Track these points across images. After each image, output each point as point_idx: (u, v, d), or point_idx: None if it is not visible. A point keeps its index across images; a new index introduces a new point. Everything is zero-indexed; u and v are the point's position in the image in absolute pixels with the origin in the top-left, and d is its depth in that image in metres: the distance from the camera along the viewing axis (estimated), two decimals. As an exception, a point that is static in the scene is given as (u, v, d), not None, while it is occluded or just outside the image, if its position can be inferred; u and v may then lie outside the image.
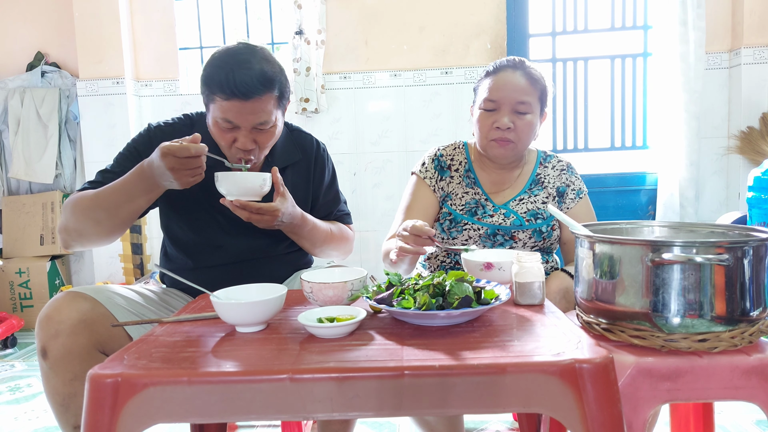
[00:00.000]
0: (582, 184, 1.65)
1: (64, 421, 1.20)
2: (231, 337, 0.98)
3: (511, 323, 1.00)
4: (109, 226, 1.32)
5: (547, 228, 1.57)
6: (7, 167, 3.50)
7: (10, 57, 3.49)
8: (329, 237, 1.52)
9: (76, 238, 1.34)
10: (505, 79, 1.51)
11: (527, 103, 1.50)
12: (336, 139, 3.32)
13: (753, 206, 2.36)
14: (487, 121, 1.53)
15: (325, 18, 3.21)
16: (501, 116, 1.50)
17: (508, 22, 3.21)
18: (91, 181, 1.39)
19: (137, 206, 1.30)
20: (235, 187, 1.27)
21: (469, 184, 1.62)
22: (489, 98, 1.52)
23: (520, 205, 1.58)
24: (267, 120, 1.32)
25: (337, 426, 1.26)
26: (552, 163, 1.66)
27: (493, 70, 1.55)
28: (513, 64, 1.54)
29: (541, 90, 1.54)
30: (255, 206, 1.27)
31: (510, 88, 1.50)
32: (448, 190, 1.62)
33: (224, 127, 1.32)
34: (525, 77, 1.51)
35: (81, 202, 1.31)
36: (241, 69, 1.26)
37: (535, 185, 1.62)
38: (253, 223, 1.30)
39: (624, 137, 3.27)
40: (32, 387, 2.35)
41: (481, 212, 1.57)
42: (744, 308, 0.94)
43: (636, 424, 0.93)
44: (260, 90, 1.27)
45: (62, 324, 1.15)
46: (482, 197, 1.60)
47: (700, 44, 2.94)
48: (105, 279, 3.40)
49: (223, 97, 1.27)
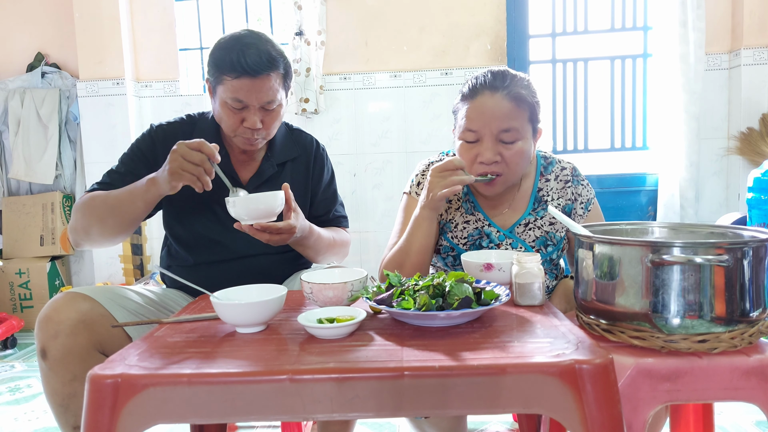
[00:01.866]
0: (589, 190, 1.48)
1: (63, 421, 1.20)
2: (231, 338, 0.98)
3: (511, 324, 1.00)
4: (112, 227, 1.36)
5: (557, 252, 1.45)
6: (7, 168, 3.50)
7: (11, 58, 3.49)
8: (331, 244, 1.54)
9: (84, 237, 1.39)
10: (484, 104, 1.31)
11: (513, 129, 1.30)
12: (336, 139, 3.32)
13: (753, 207, 2.36)
14: (468, 155, 1.34)
15: (325, 19, 3.22)
16: (484, 149, 1.31)
17: (508, 23, 3.21)
18: (99, 182, 1.44)
19: (136, 208, 1.32)
20: (251, 210, 1.25)
21: (469, 210, 1.45)
22: (468, 128, 1.33)
23: (527, 232, 1.43)
24: (273, 99, 1.37)
25: (336, 427, 1.26)
26: (555, 173, 1.47)
27: (469, 93, 1.34)
28: (492, 85, 1.32)
29: (530, 109, 1.33)
30: (275, 227, 1.28)
31: (490, 115, 1.30)
32: (447, 218, 1.46)
33: (233, 107, 1.36)
34: (508, 99, 1.30)
35: (90, 202, 1.37)
36: (249, 49, 1.33)
37: (539, 204, 1.45)
38: (270, 244, 1.31)
39: (624, 138, 3.27)
40: (32, 387, 2.35)
41: (486, 242, 1.43)
42: (744, 309, 0.94)
43: (636, 425, 0.93)
44: (268, 67, 1.34)
45: (62, 324, 1.15)
46: (485, 224, 1.44)
47: (700, 45, 2.94)
48: (105, 280, 3.40)
49: (233, 75, 1.33)
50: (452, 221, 1.46)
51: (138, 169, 1.43)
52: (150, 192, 1.29)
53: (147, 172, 1.39)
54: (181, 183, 1.24)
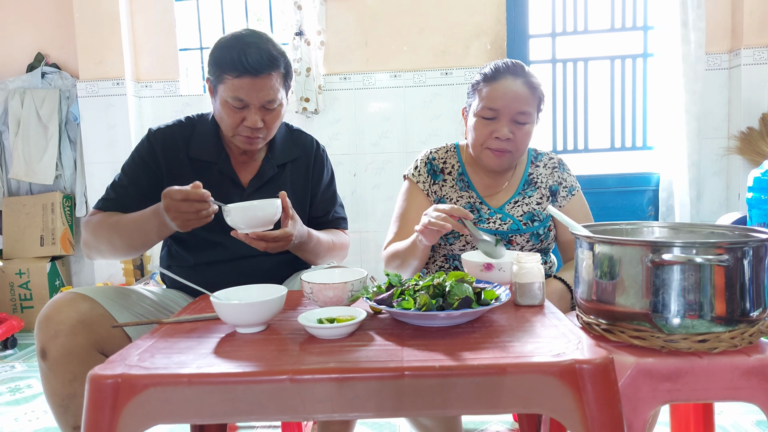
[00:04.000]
0: (574, 180, 1.62)
1: (63, 421, 1.20)
2: (231, 338, 0.98)
3: (511, 324, 1.00)
4: (123, 251, 1.42)
5: (544, 230, 1.54)
6: (7, 168, 3.50)
7: (11, 58, 3.49)
8: (330, 248, 1.54)
9: (96, 255, 1.45)
10: (506, 87, 1.45)
11: (527, 113, 1.46)
12: (336, 139, 3.32)
13: (753, 207, 2.36)
14: (484, 130, 1.48)
15: (325, 19, 3.22)
16: (500, 126, 1.45)
17: (508, 23, 3.21)
18: (105, 198, 1.46)
19: (150, 240, 1.37)
20: (247, 219, 1.23)
21: (463, 187, 1.58)
22: (488, 106, 1.46)
23: (516, 208, 1.55)
24: (274, 98, 1.37)
25: (337, 426, 1.26)
26: (543, 161, 1.63)
27: (493, 75, 1.49)
28: (514, 71, 1.48)
29: (539, 98, 1.51)
30: (272, 236, 1.27)
31: (511, 97, 1.45)
32: (441, 194, 1.58)
33: (234, 106, 1.36)
34: (526, 86, 1.46)
35: (100, 226, 1.40)
36: (250, 48, 1.33)
37: (528, 186, 1.59)
38: (268, 251, 1.31)
39: (624, 138, 3.27)
40: (32, 388, 2.35)
41: (477, 217, 1.54)
42: (744, 309, 0.94)
43: (636, 425, 0.93)
44: (269, 66, 1.34)
45: (61, 325, 1.15)
46: (477, 201, 1.56)
47: (700, 45, 2.94)
48: (105, 280, 3.40)
49: (235, 74, 1.33)
50: (447, 197, 1.58)
51: (140, 177, 1.44)
52: (164, 231, 1.32)
53: (149, 179, 1.43)
54: (193, 228, 1.27)
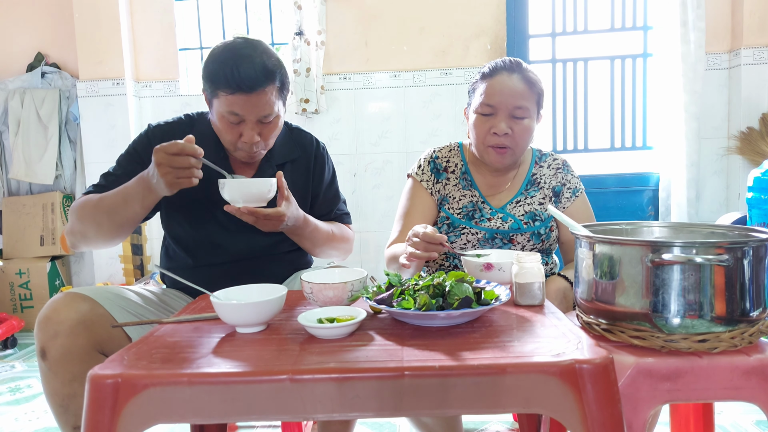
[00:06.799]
0: (578, 182, 1.63)
1: (63, 421, 1.20)
2: (231, 338, 0.98)
3: (511, 324, 1.00)
4: (109, 230, 1.35)
5: (545, 230, 1.55)
6: (7, 168, 3.50)
7: (10, 58, 3.49)
8: (330, 237, 1.53)
9: (81, 240, 1.39)
10: (502, 82, 1.48)
11: (524, 107, 1.48)
12: (336, 139, 3.32)
13: (753, 207, 2.36)
14: (483, 126, 1.50)
15: (325, 19, 3.22)
16: (498, 121, 1.48)
17: (508, 23, 3.21)
18: (94, 184, 1.43)
19: (133, 211, 1.31)
20: (241, 194, 1.26)
21: (466, 186, 1.60)
22: (485, 102, 1.49)
23: (518, 207, 1.56)
24: (270, 112, 1.35)
25: (337, 426, 1.26)
26: (548, 162, 1.64)
27: (489, 73, 1.52)
28: (510, 66, 1.51)
29: (538, 93, 1.52)
30: (263, 212, 1.27)
31: (507, 93, 1.47)
32: (445, 193, 1.60)
33: (231, 121, 1.34)
34: (522, 81, 1.49)
35: (85, 206, 1.36)
36: (243, 63, 1.29)
37: (531, 186, 1.60)
38: (258, 227, 1.31)
39: (624, 138, 3.27)
40: (32, 388, 2.35)
41: (478, 216, 1.55)
42: (744, 309, 0.94)
43: (636, 425, 0.93)
44: (263, 82, 1.31)
45: (61, 325, 1.15)
46: (479, 200, 1.58)
47: (700, 45, 2.94)
48: (105, 280, 3.40)
49: (228, 91, 1.30)
50: (450, 195, 1.60)
51: (134, 170, 1.41)
52: (148, 198, 1.28)
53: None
54: (179, 188, 1.24)
